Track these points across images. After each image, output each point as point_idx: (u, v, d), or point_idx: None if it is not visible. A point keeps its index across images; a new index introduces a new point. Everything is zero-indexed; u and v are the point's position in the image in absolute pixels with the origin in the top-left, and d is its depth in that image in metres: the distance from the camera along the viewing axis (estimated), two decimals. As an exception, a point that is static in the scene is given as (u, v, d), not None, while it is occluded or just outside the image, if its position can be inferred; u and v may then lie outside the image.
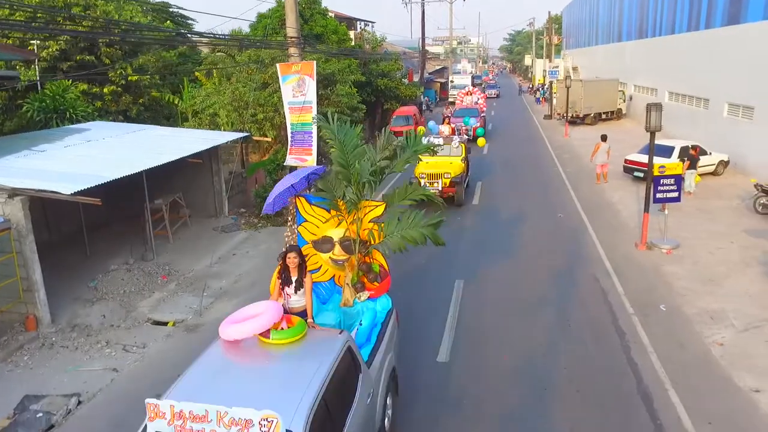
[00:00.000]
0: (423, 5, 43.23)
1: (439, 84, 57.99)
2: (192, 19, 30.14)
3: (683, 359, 8.39)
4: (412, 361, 8.55)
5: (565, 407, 7.35)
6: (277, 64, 15.51)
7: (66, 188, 9.09)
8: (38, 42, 16.96)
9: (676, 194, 12.84)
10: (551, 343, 8.98)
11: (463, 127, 25.36)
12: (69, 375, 8.46)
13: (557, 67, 50.56)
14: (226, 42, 20.36)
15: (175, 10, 27.77)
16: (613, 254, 12.71)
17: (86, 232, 13.53)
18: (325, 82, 20.03)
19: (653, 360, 8.33)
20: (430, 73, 53.76)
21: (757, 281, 10.98)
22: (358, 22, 50.77)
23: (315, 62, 14.94)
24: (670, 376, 7.88)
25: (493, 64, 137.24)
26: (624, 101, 36.86)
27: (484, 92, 41.10)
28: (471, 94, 34.23)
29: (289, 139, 15.34)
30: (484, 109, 33.08)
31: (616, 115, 36.21)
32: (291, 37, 15.01)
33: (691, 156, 17.41)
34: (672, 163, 13.36)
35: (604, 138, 19.65)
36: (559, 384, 7.85)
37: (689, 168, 17.05)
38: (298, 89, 14.80)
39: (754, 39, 19.53)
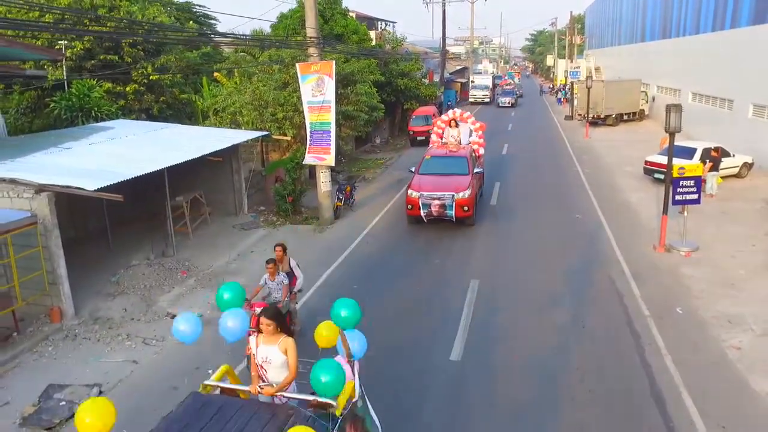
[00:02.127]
0: (444, 5, 43.18)
1: (459, 84, 57.80)
2: (215, 19, 30.57)
3: (698, 362, 8.31)
4: (425, 359, 8.62)
5: (576, 407, 7.34)
6: (297, 64, 15.71)
7: (90, 184, 9.35)
8: (65, 42, 17.41)
9: (695, 196, 12.67)
10: (565, 343, 8.97)
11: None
12: (91, 366, 8.71)
13: (578, 67, 50.03)
14: (247, 42, 20.64)
15: (198, 10, 28.20)
16: (630, 256, 12.60)
17: (110, 228, 13.87)
18: (344, 82, 20.19)
19: (667, 362, 8.27)
20: (450, 74, 53.57)
21: (778, 285, 10.80)
22: (379, 23, 50.91)
23: (334, 62, 15.09)
24: (684, 378, 7.82)
25: (516, 65, 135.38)
26: (646, 102, 36.40)
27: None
28: (456, 125, 18.27)
29: (308, 138, 15.54)
30: (482, 151, 18.13)
31: (638, 116, 35.75)
32: (311, 38, 15.16)
33: (713, 158, 17.17)
34: (692, 165, 13.19)
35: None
36: (571, 384, 7.84)
37: (711, 170, 16.82)
38: (317, 88, 14.98)
39: (781, 39, 19.18)
